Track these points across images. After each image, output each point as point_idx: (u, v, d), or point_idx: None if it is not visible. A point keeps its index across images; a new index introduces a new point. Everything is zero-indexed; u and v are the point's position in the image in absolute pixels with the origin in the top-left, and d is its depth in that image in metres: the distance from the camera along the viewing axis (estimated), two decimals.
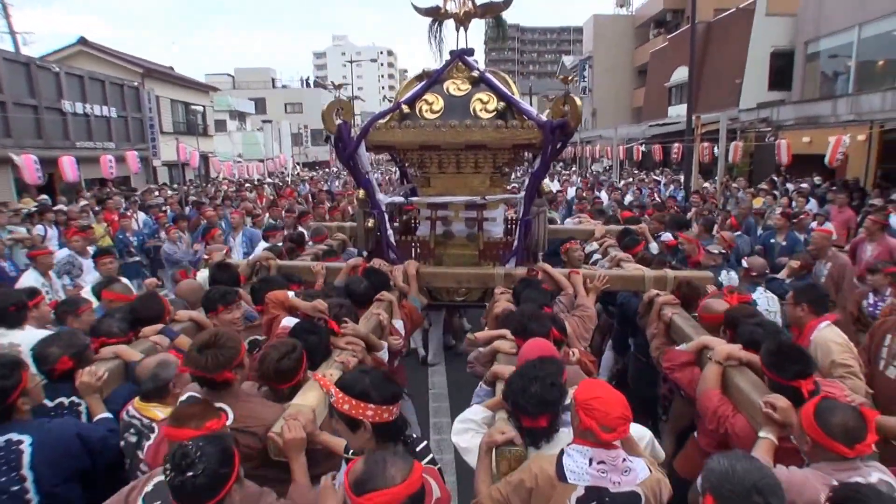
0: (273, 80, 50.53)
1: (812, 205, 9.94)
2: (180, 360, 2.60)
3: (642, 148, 21.98)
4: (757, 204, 10.28)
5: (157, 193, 14.63)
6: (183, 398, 2.37)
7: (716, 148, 15.01)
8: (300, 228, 6.96)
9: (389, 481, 1.53)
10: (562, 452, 2.03)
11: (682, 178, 16.02)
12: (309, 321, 3.18)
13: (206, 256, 5.88)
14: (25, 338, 3.29)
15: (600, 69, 33.51)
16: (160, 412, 2.48)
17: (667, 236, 6.04)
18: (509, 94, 4.42)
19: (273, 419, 2.33)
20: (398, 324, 3.78)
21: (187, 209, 11.65)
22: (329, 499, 1.84)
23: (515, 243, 4.61)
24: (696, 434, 3.08)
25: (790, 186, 13.21)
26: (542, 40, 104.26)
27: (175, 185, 18.99)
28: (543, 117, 4.24)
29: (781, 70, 18.95)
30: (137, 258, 8.06)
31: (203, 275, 4.59)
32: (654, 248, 5.59)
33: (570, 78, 4.13)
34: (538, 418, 2.18)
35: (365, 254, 5.03)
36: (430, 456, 2.18)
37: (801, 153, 14.85)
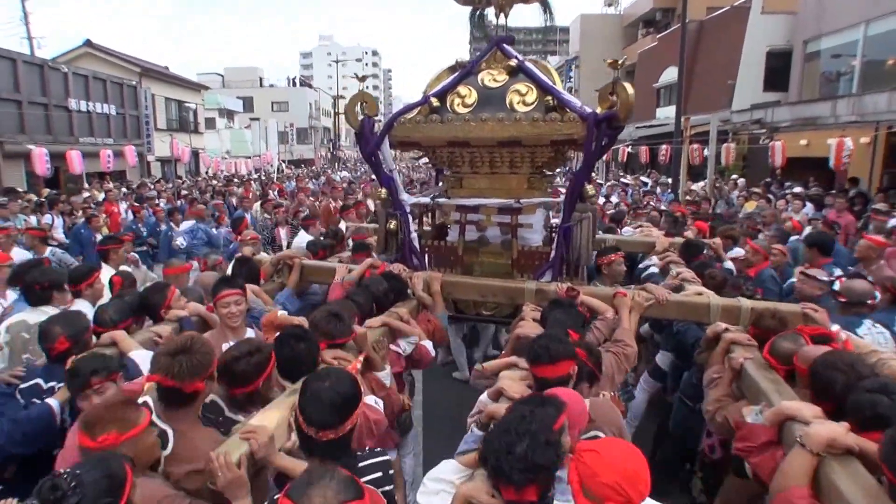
0: (261, 79, 49.83)
1: (808, 209, 9.68)
2: None
3: (628, 149, 21.68)
4: (749, 208, 10.16)
5: (151, 187, 14.92)
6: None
7: (706, 150, 14.79)
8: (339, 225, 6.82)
9: (306, 501, 1.37)
10: None
11: (669, 180, 16.08)
12: (300, 327, 2.77)
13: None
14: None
15: (587, 70, 32.68)
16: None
17: (737, 251, 5.19)
18: (550, 83, 3.96)
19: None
20: (384, 375, 3.05)
21: (178, 202, 11.78)
22: None
23: (552, 254, 4.11)
24: None
25: (776, 191, 13.00)
26: (526, 40, 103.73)
27: (169, 180, 19.81)
28: (588, 109, 3.75)
29: (777, 70, 18.57)
30: (144, 247, 8.09)
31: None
32: (729, 266, 4.86)
33: (620, 62, 3.62)
34: (524, 489, 1.60)
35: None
36: (378, 475, 1.99)
37: (798, 156, 14.58)
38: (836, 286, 3.72)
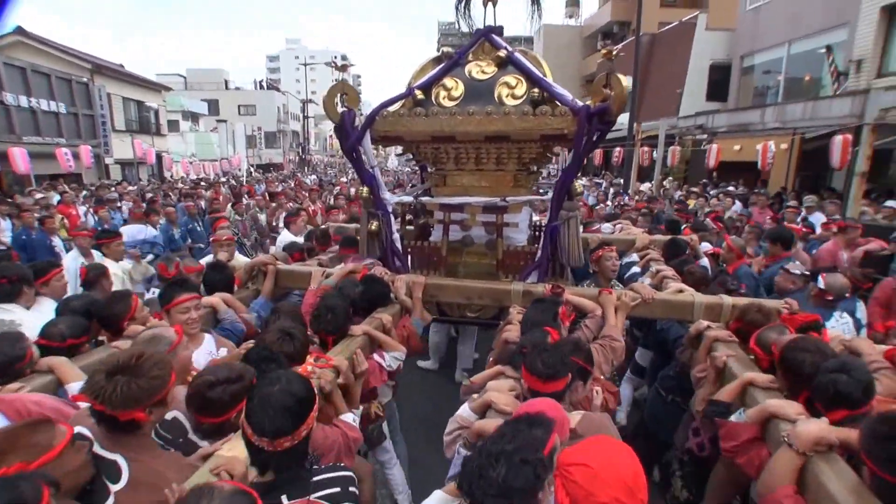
0: (226, 81, 47.72)
1: (737, 206, 10.37)
2: (179, 336, 2.30)
3: None
4: (689, 205, 10.76)
5: (112, 189, 13.65)
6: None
7: (655, 153, 15.67)
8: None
9: None
10: None
11: (622, 181, 16.85)
12: (264, 345, 2.32)
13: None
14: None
15: (550, 78, 33.02)
16: None
17: (705, 246, 5.09)
18: (541, 76, 3.63)
19: (183, 483, 1.62)
20: (348, 418, 2.41)
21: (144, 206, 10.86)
22: None
23: (539, 254, 3.79)
24: None
25: (710, 191, 13.86)
26: None
27: (130, 183, 18.03)
28: (580, 102, 3.43)
29: (718, 82, 19.12)
30: None
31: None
32: (704, 262, 4.68)
33: (613, 52, 3.32)
34: None
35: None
36: (336, 490, 1.64)
37: (732, 160, 15.61)
38: (820, 283, 3.67)
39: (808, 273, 4.04)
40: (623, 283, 4.19)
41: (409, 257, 4.04)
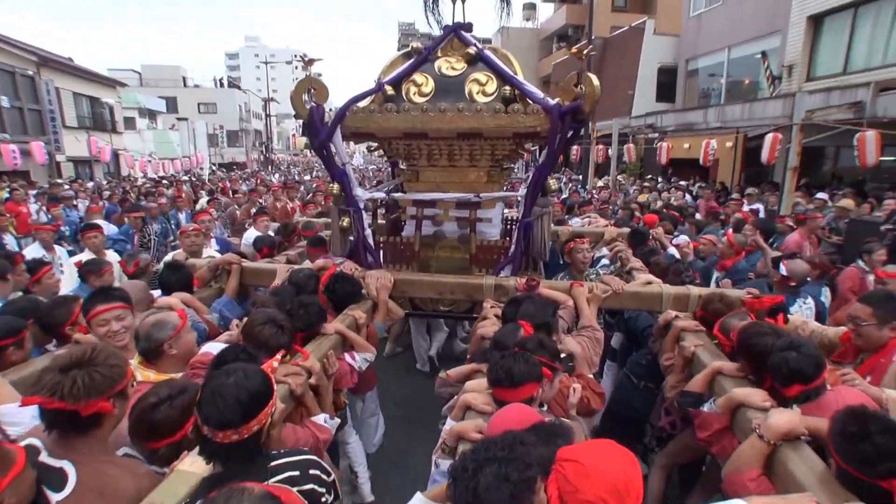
0: (184, 78, 45.62)
1: (687, 199, 10.98)
2: (183, 320, 2.30)
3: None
4: (642, 199, 11.30)
5: (66, 186, 12.78)
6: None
7: (610, 150, 16.15)
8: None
9: None
10: None
11: (580, 177, 17.27)
12: (241, 345, 2.11)
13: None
14: None
15: (521, 76, 33.04)
16: (152, 375, 2.13)
17: (682, 239, 5.13)
18: (511, 74, 3.54)
19: (135, 493, 1.51)
20: (319, 419, 2.28)
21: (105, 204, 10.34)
22: None
23: (512, 248, 3.72)
24: None
25: (662, 185, 14.56)
26: None
27: (84, 181, 16.92)
28: (552, 101, 3.37)
29: (667, 84, 19.64)
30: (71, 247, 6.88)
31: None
32: (672, 252, 4.73)
33: (584, 52, 3.26)
34: None
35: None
36: (294, 473, 1.56)
37: (683, 157, 16.03)
38: (782, 269, 3.75)
39: (774, 258, 4.15)
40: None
41: (382, 252, 3.88)
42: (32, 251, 4.85)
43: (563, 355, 2.39)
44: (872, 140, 8.09)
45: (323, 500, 1.62)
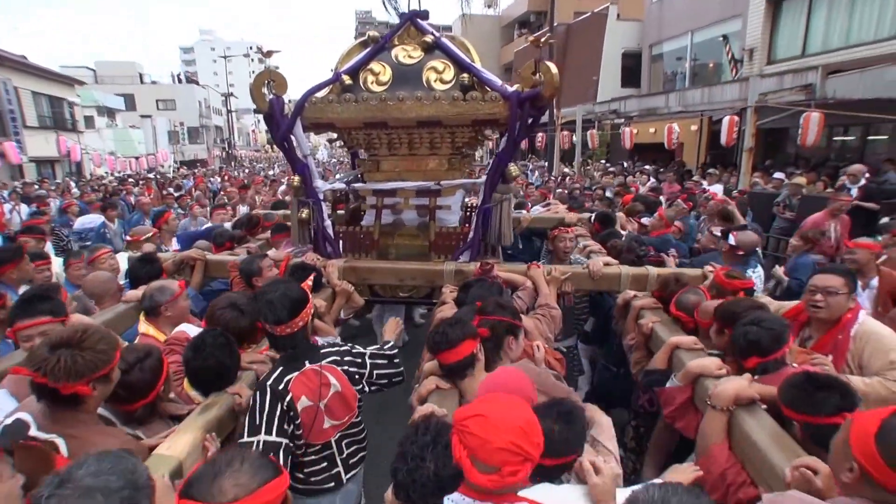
0: (140, 75, 44.13)
1: (652, 182, 11.38)
2: (181, 289, 2.81)
3: None
4: (608, 183, 11.55)
5: (37, 186, 13.14)
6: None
7: (574, 137, 16.36)
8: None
9: (217, 495, 1.09)
10: None
11: (546, 163, 17.35)
12: (219, 332, 2.22)
13: (128, 238, 4.91)
14: None
15: (479, 63, 32.77)
16: (151, 330, 2.66)
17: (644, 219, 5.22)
18: (469, 61, 3.59)
19: None
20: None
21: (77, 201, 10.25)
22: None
23: (471, 234, 3.79)
24: None
25: (628, 169, 15.13)
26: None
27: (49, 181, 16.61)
28: (510, 88, 3.44)
29: (631, 69, 19.95)
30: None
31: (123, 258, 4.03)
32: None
33: (542, 40, 3.32)
34: None
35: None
36: (335, 357, 2.26)
37: (649, 142, 16.57)
38: (731, 240, 3.93)
39: (722, 231, 4.31)
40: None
41: (341, 242, 3.92)
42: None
43: None
44: (816, 121, 8.47)
45: (356, 376, 2.31)
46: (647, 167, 14.69)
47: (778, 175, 9.65)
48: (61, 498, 1.01)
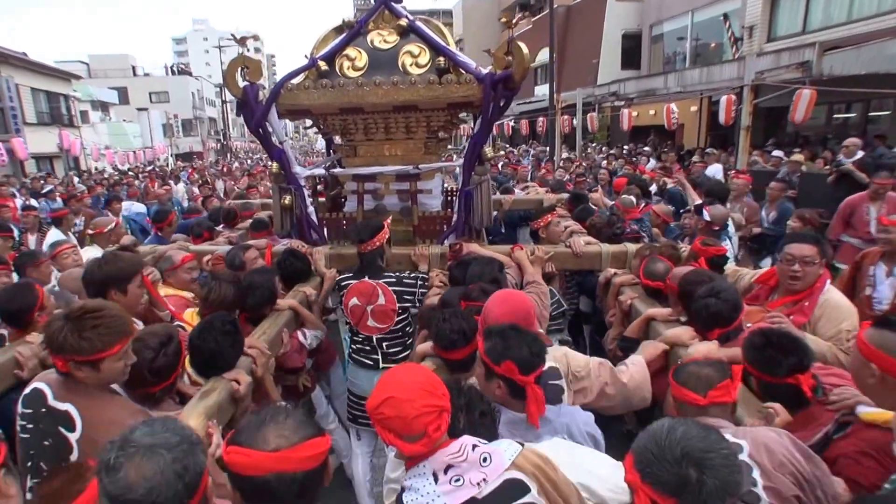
0: (133, 67, 44.08)
1: (653, 163, 11.45)
2: (182, 262, 3.20)
3: (512, 124, 22.20)
4: (610, 166, 11.64)
5: (43, 182, 13.55)
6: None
7: (575, 120, 16.34)
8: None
9: (260, 443, 1.14)
10: (401, 493, 1.37)
11: (547, 149, 17.32)
12: (226, 317, 2.30)
13: (91, 232, 4.82)
14: None
15: (470, 51, 32.72)
16: (170, 291, 3.08)
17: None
18: (444, 45, 3.64)
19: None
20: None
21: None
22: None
23: (455, 218, 3.87)
24: None
25: (630, 151, 15.14)
26: None
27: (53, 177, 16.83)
28: (484, 70, 3.51)
29: (631, 51, 19.80)
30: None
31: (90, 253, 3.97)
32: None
33: (514, 20, 3.37)
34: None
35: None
36: (392, 279, 3.17)
37: (649, 124, 16.60)
38: (705, 215, 4.08)
39: (696, 205, 4.48)
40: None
41: (325, 229, 4.00)
42: (53, 236, 5.33)
43: None
44: (807, 98, 8.44)
45: (406, 296, 3.19)
46: (645, 148, 14.76)
47: (776, 153, 9.64)
48: (129, 456, 1.06)
